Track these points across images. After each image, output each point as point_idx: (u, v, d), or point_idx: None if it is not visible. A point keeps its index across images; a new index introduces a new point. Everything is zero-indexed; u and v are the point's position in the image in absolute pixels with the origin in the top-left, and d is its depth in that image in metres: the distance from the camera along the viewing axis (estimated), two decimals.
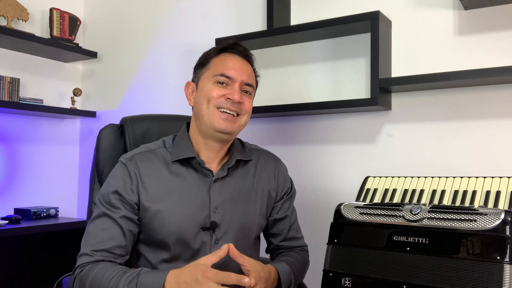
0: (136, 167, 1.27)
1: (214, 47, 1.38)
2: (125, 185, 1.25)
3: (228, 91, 1.28)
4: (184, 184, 1.29)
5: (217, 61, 1.32)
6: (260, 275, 1.16)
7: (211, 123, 1.27)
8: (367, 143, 1.98)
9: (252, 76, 1.35)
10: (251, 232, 1.35)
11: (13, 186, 2.64)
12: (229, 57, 1.33)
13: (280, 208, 1.43)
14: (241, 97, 1.29)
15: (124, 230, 1.22)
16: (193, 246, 1.26)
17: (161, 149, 1.33)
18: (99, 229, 1.22)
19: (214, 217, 1.28)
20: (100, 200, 1.26)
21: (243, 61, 1.34)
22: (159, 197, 1.26)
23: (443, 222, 1.17)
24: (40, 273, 2.57)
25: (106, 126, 1.53)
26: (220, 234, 1.28)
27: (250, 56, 1.38)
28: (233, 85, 1.29)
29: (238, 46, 1.35)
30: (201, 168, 1.30)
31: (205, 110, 1.28)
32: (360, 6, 2.00)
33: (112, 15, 2.86)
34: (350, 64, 2.04)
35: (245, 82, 1.31)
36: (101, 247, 1.19)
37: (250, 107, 1.33)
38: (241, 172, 1.37)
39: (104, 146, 1.49)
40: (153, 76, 2.66)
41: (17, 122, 2.66)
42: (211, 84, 1.29)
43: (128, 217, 1.23)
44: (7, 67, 2.60)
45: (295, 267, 1.35)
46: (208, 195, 1.29)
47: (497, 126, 1.73)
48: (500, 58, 1.72)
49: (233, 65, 1.30)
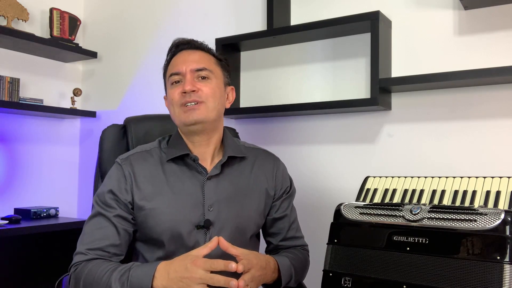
0: (130, 167, 1.29)
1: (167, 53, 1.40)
2: (119, 184, 1.27)
3: (182, 86, 1.29)
4: (178, 182, 1.30)
5: (169, 66, 1.36)
6: (252, 262, 1.17)
7: (180, 121, 1.30)
8: (367, 143, 1.98)
9: (202, 59, 1.33)
10: (247, 231, 1.36)
11: (13, 186, 2.64)
12: (176, 56, 1.35)
13: (279, 207, 1.43)
14: (194, 85, 1.28)
15: (119, 229, 1.24)
16: (187, 244, 1.26)
17: (156, 149, 1.36)
18: (94, 228, 1.25)
19: (208, 215, 1.28)
20: (96, 200, 1.29)
21: (189, 52, 1.34)
22: (153, 195, 1.27)
23: (443, 222, 1.17)
24: (40, 273, 2.57)
25: (109, 126, 1.54)
26: (215, 232, 1.28)
27: (197, 44, 1.37)
28: (185, 78, 1.30)
29: (180, 44, 1.37)
30: (195, 165, 1.31)
31: (173, 113, 1.32)
32: (360, 6, 2.00)
33: (112, 15, 2.86)
34: (350, 64, 2.04)
35: (195, 69, 1.30)
36: (95, 245, 1.22)
37: (210, 90, 1.30)
38: (237, 170, 1.37)
39: (107, 146, 1.51)
40: (153, 76, 2.66)
41: (17, 122, 2.66)
42: (169, 88, 1.33)
43: (122, 216, 1.26)
44: (7, 67, 2.60)
45: (295, 263, 1.36)
46: (202, 193, 1.30)
47: (497, 126, 1.73)
48: (500, 58, 1.72)
49: (179, 60, 1.33)
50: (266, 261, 1.24)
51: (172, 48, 1.38)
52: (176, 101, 1.29)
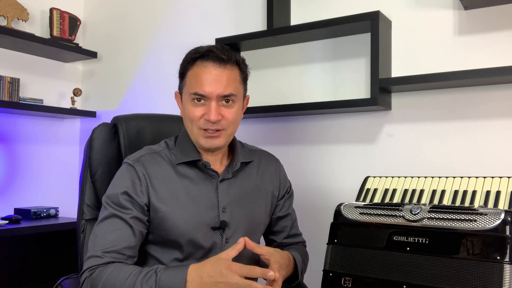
0: (143, 168, 1.27)
1: (190, 52, 1.30)
2: (134, 186, 1.24)
3: (206, 110, 1.25)
4: (191, 185, 1.30)
5: (191, 75, 1.27)
6: (281, 263, 1.21)
7: (196, 141, 1.29)
8: (367, 143, 1.98)
9: (230, 82, 1.26)
10: (259, 230, 1.40)
11: (13, 186, 2.64)
12: (202, 69, 1.25)
13: (283, 206, 1.47)
14: (219, 114, 1.24)
15: (135, 231, 1.21)
16: (204, 246, 1.27)
17: (165, 151, 1.33)
18: (107, 231, 1.19)
19: (223, 217, 1.30)
20: (108, 202, 1.24)
21: (218, 69, 1.24)
22: (168, 198, 1.26)
23: (443, 222, 1.17)
24: (40, 273, 2.56)
25: (99, 125, 1.48)
26: (230, 233, 1.31)
27: (226, 58, 1.25)
28: (210, 102, 1.24)
29: (211, 52, 1.25)
30: (207, 169, 1.32)
31: (190, 130, 1.30)
32: (360, 6, 2.00)
33: (112, 15, 2.86)
34: (350, 64, 2.04)
35: (222, 95, 1.24)
36: (111, 248, 1.17)
37: (233, 116, 1.28)
38: (244, 173, 1.39)
39: (98, 146, 1.44)
40: (153, 76, 2.66)
41: (17, 122, 2.66)
42: (189, 103, 1.27)
43: (138, 218, 1.22)
44: (7, 67, 2.60)
45: (304, 258, 1.41)
46: (216, 195, 1.31)
47: (497, 126, 1.73)
48: (500, 58, 1.72)
49: (207, 79, 1.23)
50: (288, 258, 1.29)
51: (200, 56, 1.27)
52: (196, 122, 1.26)
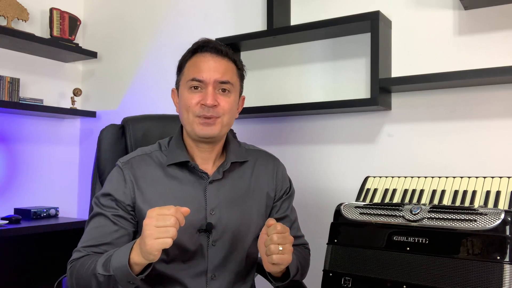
0: (132, 170, 1.29)
1: (189, 48, 1.33)
2: (118, 188, 1.27)
3: (202, 96, 1.26)
4: (180, 186, 1.30)
5: (189, 65, 1.30)
6: (290, 237, 1.16)
7: (192, 130, 1.28)
8: (367, 143, 1.98)
9: (227, 71, 1.29)
10: (249, 233, 1.35)
11: (13, 186, 2.64)
12: (200, 58, 1.28)
13: (280, 208, 1.43)
14: (215, 99, 1.26)
15: (118, 227, 1.25)
16: (189, 248, 1.26)
17: (157, 152, 1.35)
18: (92, 228, 1.26)
19: (210, 219, 1.28)
20: (96, 202, 1.30)
21: (216, 59, 1.28)
22: (155, 199, 1.27)
23: (443, 222, 1.17)
24: (40, 273, 2.57)
25: (107, 126, 1.53)
26: (217, 235, 1.29)
27: (224, 50, 1.30)
28: (206, 88, 1.26)
29: (209, 43, 1.30)
30: (196, 170, 1.31)
31: (186, 119, 1.29)
32: (360, 6, 2.00)
33: (112, 15, 2.86)
34: (350, 64, 2.04)
35: (219, 81, 1.26)
36: (90, 243, 1.23)
37: (228, 105, 1.28)
38: (237, 173, 1.37)
39: (105, 147, 1.50)
40: (153, 76, 2.66)
41: (17, 122, 2.66)
42: (186, 91, 1.28)
43: (122, 216, 1.26)
44: (7, 67, 2.60)
45: (300, 259, 1.35)
46: (204, 197, 1.30)
47: (497, 126, 1.73)
48: (500, 58, 1.72)
49: (204, 66, 1.27)
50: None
51: (198, 47, 1.30)
52: (193, 110, 1.27)
